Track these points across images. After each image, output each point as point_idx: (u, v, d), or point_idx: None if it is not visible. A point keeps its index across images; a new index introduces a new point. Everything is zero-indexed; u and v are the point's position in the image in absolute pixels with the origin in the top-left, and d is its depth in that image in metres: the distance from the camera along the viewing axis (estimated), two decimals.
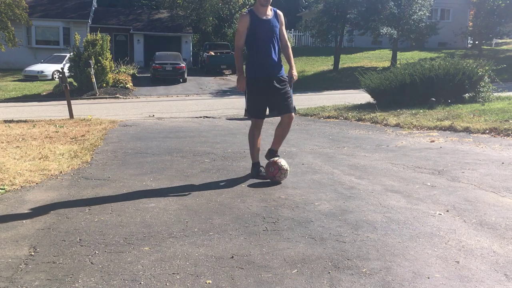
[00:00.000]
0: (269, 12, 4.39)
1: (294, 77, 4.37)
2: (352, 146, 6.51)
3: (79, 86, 18.93)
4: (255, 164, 4.59)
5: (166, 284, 2.37)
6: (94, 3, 32.71)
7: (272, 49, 4.36)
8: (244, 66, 4.44)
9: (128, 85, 20.49)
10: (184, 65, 23.58)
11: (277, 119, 4.67)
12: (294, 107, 12.03)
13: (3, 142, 6.53)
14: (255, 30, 4.32)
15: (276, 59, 4.39)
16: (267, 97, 4.42)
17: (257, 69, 4.39)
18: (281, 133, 4.58)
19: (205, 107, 14.79)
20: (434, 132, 7.64)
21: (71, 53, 19.37)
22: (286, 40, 4.52)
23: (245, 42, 4.43)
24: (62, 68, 13.44)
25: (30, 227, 3.20)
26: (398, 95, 11.09)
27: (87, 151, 5.85)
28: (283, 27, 4.50)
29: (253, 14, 4.35)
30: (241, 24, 4.38)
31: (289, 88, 4.47)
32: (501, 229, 3.11)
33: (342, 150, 6.14)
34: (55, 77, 23.31)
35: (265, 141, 5.54)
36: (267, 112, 4.55)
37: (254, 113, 4.53)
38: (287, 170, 4.36)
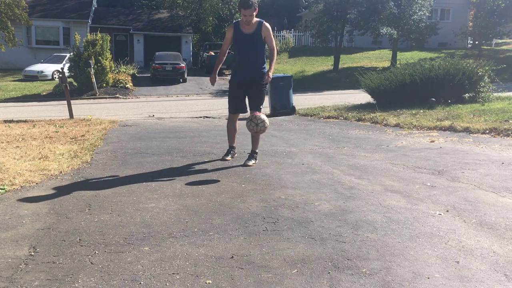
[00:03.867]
0: (252, 26, 4.96)
1: (267, 78, 4.98)
2: (352, 146, 6.51)
3: (79, 86, 18.92)
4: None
5: (166, 284, 2.37)
6: (94, 3, 32.71)
7: (249, 59, 5.07)
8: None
9: (128, 85, 20.49)
10: (184, 65, 23.58)
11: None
12: (294, 107, 12.11)
13: (3, 142, 6.53)
14: (236, 41, 5.07)
15: (252, 68, 5.07)
16: (242, 96, 5.19)
17: (236, 75, 5.21)
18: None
19: (205, 107, 14.79)
20: (434, 132, 7.64)
21: (71, 53, 19.37)
22: (272, 47, 5.09)
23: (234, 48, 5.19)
24: (62, 68, 13.45)
25: (30, 227, 3.20)
26: (398, 95, 11.10)
27: (87, 151, 5.85)
28: (269, 37, 5.05)
29: (237, 27, 5.03)
30: (227, 34, 5.22)
31: (263, 90, 5.16)
32: (501, 229, 3.11)
33: (342, 150, 6.14)
34: (55, 77, 23.30)
35: (265, 141, 5.52)
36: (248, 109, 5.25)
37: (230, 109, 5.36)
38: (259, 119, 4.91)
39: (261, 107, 5.20)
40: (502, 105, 9.79)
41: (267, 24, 5.03)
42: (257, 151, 5.29)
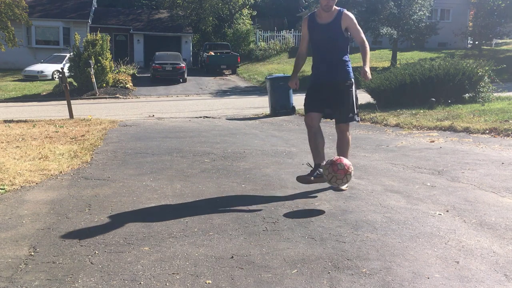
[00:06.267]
0: (331, 15, 4.06)
1: (365, 74, 3.91)
2: (352, 146, 6.49)
3: (79, 86, 18.91)
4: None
5: (166, 284, 2.37)
6: (94, 3, 32.70)
7: (328, 55, 4.12)
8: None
9: (128, 85, 20.48)
10: (184, 65, 23.56)
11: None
12: (294, 107, 12.11)
13: (3, 142, 6.53)
14: (312, 34, 4.18)
15: (331, 65, 4.12)
16: (324, 99, 4.20)
17: (315, 77, 4.26)
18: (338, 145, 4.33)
19: (205, 107, 14.79)
20: (434, 132, 7.63)
21: (71, 53, 19.35)
22: (361, 40, 4.06)
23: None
24: (62, 68, 13.44)
25: (30, 227, 3.20)
26: (398, 95, 11.09)
27: (87, 151, 5.84)
28: (354, 28, 4.07)
29: (312, 18, 4.18)
30: (302, 28, 4.32)
31: (349, 95, 4.13)
32: (501, 229, 3.11)
33: None
34: (55, 77, 23.29)
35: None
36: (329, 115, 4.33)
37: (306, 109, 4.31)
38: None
39: (350, 116, 4.11)
40: (502, 105, 9.79)
41: (349, 13, 4.08)
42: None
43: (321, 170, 3.95)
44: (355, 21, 4.10)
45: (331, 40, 4.09)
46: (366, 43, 4.06)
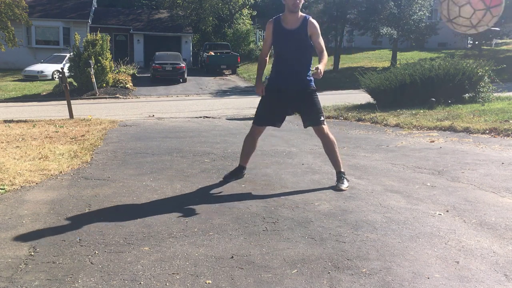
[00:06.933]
0: (297, 21, 4.12)
1: (318, 72, 3.85)
2: (352, 146, 6.51)
3: (79, 86, 18.92)
4: None
5: (166, 284, 2.37)
6: (94, 3, 32.71)
7: (293, 61, 4.14)
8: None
9: (128, 85, 20.48)
10: (184, 65, 23.57)
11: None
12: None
13: (3, 142, 6.53)
14: (276, 38, 4.18)
15: (296, 72, 4.15)
16: (282, 107, 4.27)
17: (274, 81, 4.28)
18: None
19: (205, 107, 14.79)
20: (434, 132, 7.64)
21: (71, 53, 19.36)
22: (321, 48, 4.13)
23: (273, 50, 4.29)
24: (62, 68, 13.44)
25: (30, 227, 3.20)
26: (398, 95, 11.10)
27: (87, 151, 5.84)
28: (316, 35, 4.13)
29: (277, 22, 4.19)
30: (266, 31, 4.33)
31: (316, 100, 4.23)
32: (501, 229, 3.11)
33: (342, 150, 6.13)
34: (55, 77, 23.30)
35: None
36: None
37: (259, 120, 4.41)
38: None
39: (322, 119, 4.20)
40: (502, 105, 9.79)
41: (314, 21, 4.15)
42: (342, 170, 4.29)
43: (243, 171, 4.50)
44: (319, 29, 4.17)
45: (298, 46, 4.12)
46: (325, 52, 4.14)
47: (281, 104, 4.24)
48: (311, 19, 4.14)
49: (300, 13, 4.16)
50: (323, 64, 3.99)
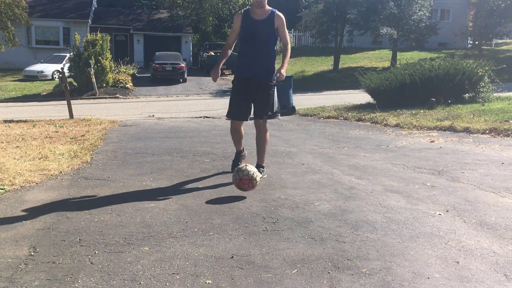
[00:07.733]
0: (264, 13, 4.35)
1: (279, 75, 4.22)
2: (352, 146, 6.51)
3: (79, 86, 18.92)
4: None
5: (166, 284, 2.37)
6: (94, 3, 32.71)
7: (258, 50, 4.38)
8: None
9: (128, 85, 20.49)
10: (184, 65, 23.58)
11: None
12: (294, 107, 12.09)
13: (3, 142, 6.53)
14: (243, 29, 4.40)
15: (259, 61, 4.40)
16: (248, 97, 4.48)
17: (240, 70, 4.53)
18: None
19: (205, 107, 14.79)
20: (434, 132, 7.64)
21: (71, 53, 19.36)
22: (286, 41, 4.41)
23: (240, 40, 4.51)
24: (62, 68, 13.44)
25: (30, 227, 3.20)
26: (398, 95, 11.11)
27: (87, 151, 5.84)
28: (282, 28, 4.38)
29: (247, 13, 4.43)
30: (234, 23, 4.56)
31: (270, 94, 4.50)
32: (501, 229, 3.11)
33: (342, 150, 6.14)
34: (55, 77, 23.30)
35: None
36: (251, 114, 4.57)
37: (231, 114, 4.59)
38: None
39: (269, 114, 4.47)
40: (502, 105, 9.79)
41: (281, 14, 4.36)
42: (263, 165, 4.57)
43: (241, 154, 4.75)
44: (285, 22, 4.40)
45: (264, 35, 4.33)
46: (290, 46, 4.42)
47: (247, 96, 4.47)
48: (277, 12, 4.38)
49: (268, 7, 4.38)
50: (286, 63, 4.31)
